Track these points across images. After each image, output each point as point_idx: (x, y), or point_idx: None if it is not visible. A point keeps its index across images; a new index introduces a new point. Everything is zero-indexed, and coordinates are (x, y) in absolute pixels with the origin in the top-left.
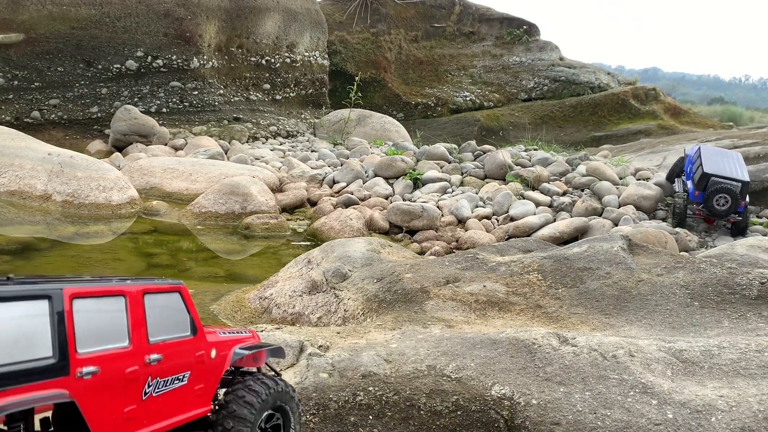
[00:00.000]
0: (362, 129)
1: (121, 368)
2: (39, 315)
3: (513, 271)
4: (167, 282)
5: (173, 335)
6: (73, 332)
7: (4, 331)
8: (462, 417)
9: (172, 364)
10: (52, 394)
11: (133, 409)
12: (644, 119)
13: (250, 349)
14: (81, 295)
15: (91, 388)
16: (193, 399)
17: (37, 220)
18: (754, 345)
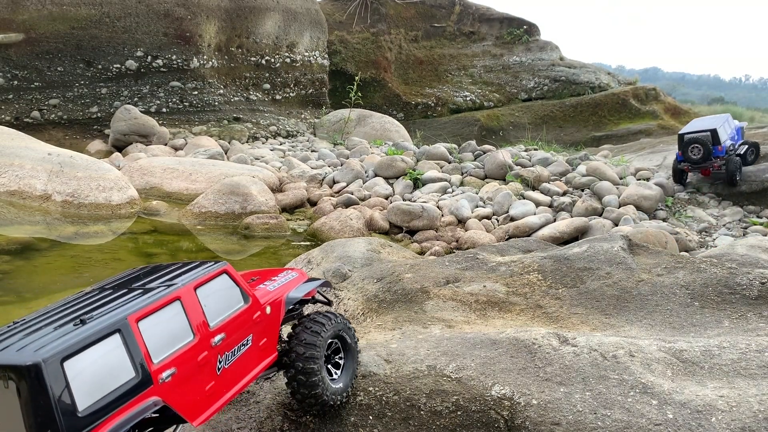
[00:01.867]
0: (362, 129)
1: (193, 359)
2: (116, 347)
3: (513, 271)
4: (213, 269)
5: (230, 312)
6: (146, 349)
7: (93, 370)
8: (462, 417)
9: (235, 337)
10: (146, 405)
11: (212, 385)
12: (644, 119)
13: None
14: (144, 316)
15: (174, 386)
16: (260, 353)
17: (37, 220)
18: (755, 345)
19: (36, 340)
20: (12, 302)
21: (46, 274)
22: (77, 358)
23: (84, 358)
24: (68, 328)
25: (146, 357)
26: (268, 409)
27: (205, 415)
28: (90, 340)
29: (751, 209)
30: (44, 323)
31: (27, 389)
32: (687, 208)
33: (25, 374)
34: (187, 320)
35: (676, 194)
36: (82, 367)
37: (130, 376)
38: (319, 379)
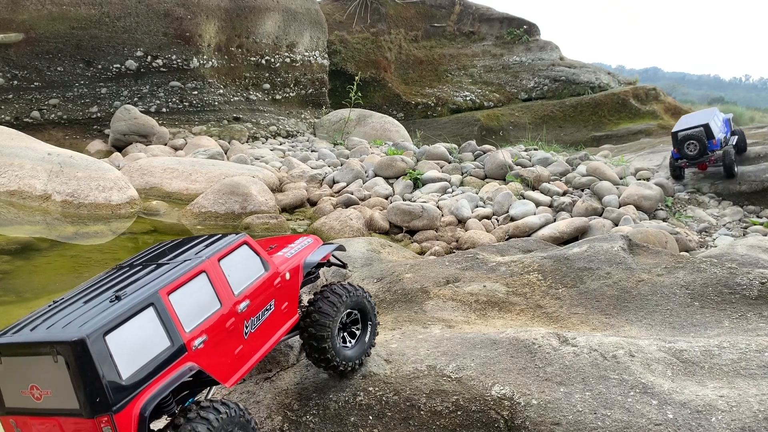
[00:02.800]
0: (362, 129)
1: (221, 326)
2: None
3: (513, 271)
4: (234, 240)
5: (252, 279)
6: (177, 319)
7: (132, 342)
8: (462, 417)
9: (258, 303)
10: (182, 371)
11: (241, 349)
12: (644, 119)
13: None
14: (173, 289)
15: (206, 352)
16: (283, 316)
17: (37, 220)
18: (755, 345)
19: (78, 317)
20: (12, 302)
21: (46, 274)
22: (117, 332)
23: (123, 331)
24: (105, 305)
25: (179, 327)
26: (268, 409)
27: (236, 376)
28: (127, 315)
29: (751, 209)
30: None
31: (75, 362)
32: (687, 208)
33: (72, 349)
34: (214, 290)
35: (676, 194)
36: (122, 339)
37: (166, 345)
38: (329, 346)
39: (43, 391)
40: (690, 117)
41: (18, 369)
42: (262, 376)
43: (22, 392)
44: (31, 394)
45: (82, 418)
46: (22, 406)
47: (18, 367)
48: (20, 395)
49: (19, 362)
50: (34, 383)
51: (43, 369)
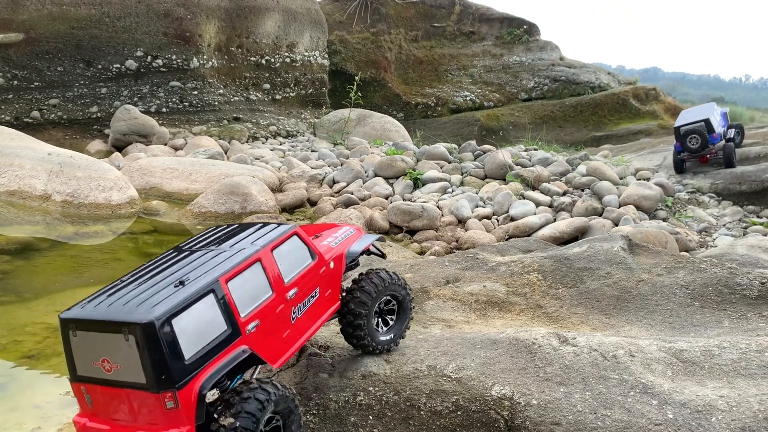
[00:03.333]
0: (362, 129)
1: (272, 312)
2: (210, 305)
3: (513, 271)
4: (286, 231)
5: (300, 268)
6: (234, 305)
7: (195, 325)
8: (462, 417)
9: (305, 290)
10: (237, 353)
11: (288, 333)
12: (645, 119)
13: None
14: (231, 277)
15: (258, 336)
16: (326, 303)
17: (37, 220)
18: (755, 345)
19: (147, 299)
20: (12, 302)
21: (46, 274)
22: (182, 316)
23: (187, 315)
24: (170, 290)
25: (235, 312)
26: None
27: (283, 358)
28: (190, 300)
29: (751, 209)
30: (148, 281)
31: (144, 342)
32: (687, 208)
33: (143, 330)
34: (267, 278)
35: (676, 194)
36: (186, 323)
37: (223, 329)
38: (364, 332)
39: (114, 365)
40: (690, 112)
41: (91, 342)
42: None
43: (93, 363)
44: (102, 366)
45: (148, 392)
46: (92, 375)
47: (91, 340)
48: (92, 366)
49: (93, 336)
50: (106, 357)
51: (114, 345)
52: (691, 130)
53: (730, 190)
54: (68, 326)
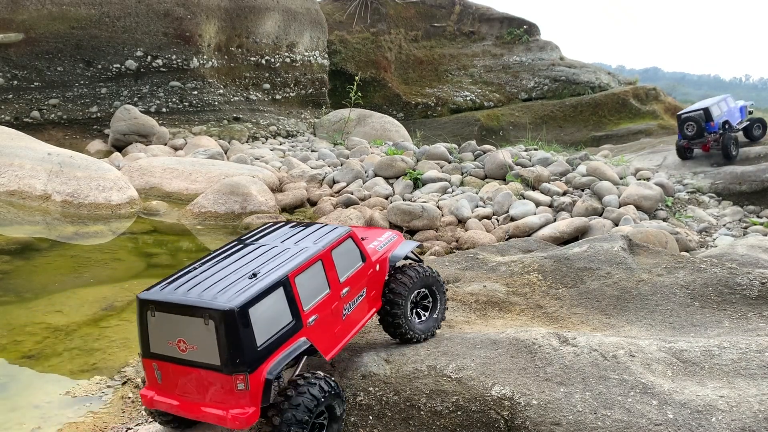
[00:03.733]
0: (362, 129)
1: (328, 307)
2: (280, 298)
3: (513, 271)
4: (344, 233)
5: (353, 269)
6: (299, 299)
7: (266, 315)
8: (462, 417)
9: (355, 289)
10: (299, 344)
11: (339, 328)
12: (645, 119)
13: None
14: (298, 273)
15: (316, 329)
16: (371, 302)
17: (37, 220)
18: (755, 345)
19: (225, 288)
20: (12, 302)
21: (46, 274)
22: (256, 306)
23: (260, 306)
24: (245, 281)
25: (299, 305)
26: None
27: (334, 351)
28: (264, 292)
29: (751, 209)
30: (221, 270)
31: (223, 327)
32: (687, 208)
33: (223, 316)
34: (326, 276)
35: (676, 194)
36: (259, 312)
37: (289, 321)
38: (401, 321)
39: (190, 346)
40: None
41: (169, 323)
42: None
43: (168, 342)
44: (177, 346)
45: (221, 373)
46: (166, 354)
47: (170, 322)
48: (166, 345)
49: (171, 318)
50: (182, 338)
51: (192, 327)
52: (689, 117)
53: (730, 190)
54: (147, 306)
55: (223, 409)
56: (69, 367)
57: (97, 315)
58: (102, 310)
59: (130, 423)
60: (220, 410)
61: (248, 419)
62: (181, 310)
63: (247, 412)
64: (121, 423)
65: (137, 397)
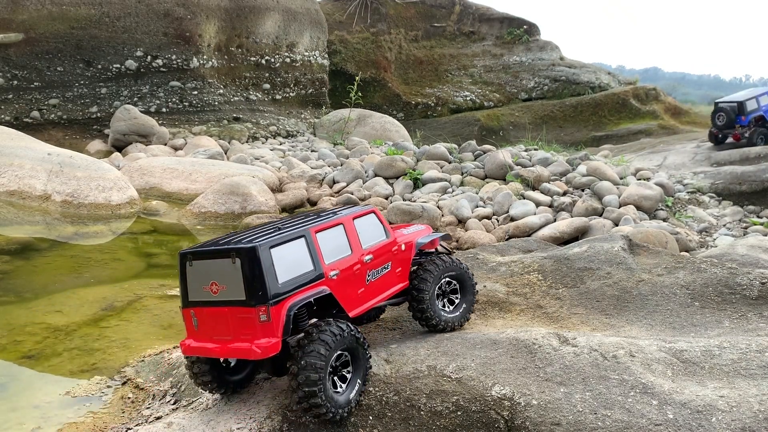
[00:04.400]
0: (362, 129)
1: (351, 268)
2: (301, 246)
3: (513, 271)
4: (365, 208)
5: (376, 241)
6: (320, 252)
7: (286, 259)
8: (462, 417)
9: (379, 260)
10: (319, 290)
11: (363, 290)
12: (645, 119)
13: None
14: (320, 230)
15: (337, 283)
16: (396, 278)
17: (37, 220)
18: (755, 345)
19: (251, 237)
20: (12, 302)
21: (46, 274)
22: (279, 248)
23: (283, 249)
24: (271, 232)
25: (320, 257)
26: (268, 409)
27: (357, 310)
28: (286, 239)
29: (751, 209)
30: (253, 232)
31: (248, 264)
32: (687, 208)
33: (248, 253)
34: (347, 239)
35: (676, 194)
36: (281, 254)
37: (310, 269)
38: (427, 306)
39: (220, 286)
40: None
41: (204, 270)
42: (262, 376)
43: (203, 288)
44: (211, 289)
45: (246, 306)
46: (201, 299)
47: (204, 268)
48: (202, 290)
49: (206, 264)
50: (214, 280)
51: (223, 269)
52: (721, 108)
53: (731, 190)
54: (186, 258)
55: (249, 341)
56: (69, 367)
57: (97, 315)
58: (102, 310)
59: (130, 423)
60: (246, 343)
61: (270, 348)
62: (213, 254)
63: (270, 342)
64: (121, 423)
65: (137, 397)
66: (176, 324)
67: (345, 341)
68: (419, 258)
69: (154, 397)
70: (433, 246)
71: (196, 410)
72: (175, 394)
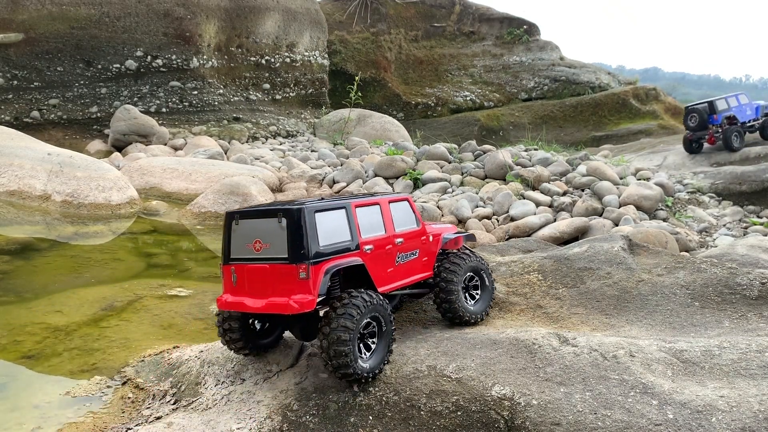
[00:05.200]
0: (362, 129)
1: (383, 246)
2: (342, 217)
3: (513, 271)
4: (401, 195)
5: (407, 227)
6: (358, 225)
7: (328, 226)
8: (462, 417)
9: (408, 245)
10: (353, 260)
11: (391, 270)
12: (645, 119)
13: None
14: (359, 206)
15: (370, 257)
16: (422, 267)
17: (37, 220)
18: (755, 345)
19: (298, 202)
20: (12, 302)
21: (46, 274)
22: (322, 214)
23: (326, 215)
24: (315, 200)
25: (358, 230)
26: (268, 409)
27: (385, 287)
28: (329, 207)
29: (751, 209)
30: (299, 199)
31: (293, 224)
32: (687, 208)
33: (294, 214)
34: (383, 220)
35: (676, 194)
36: (324, 220)
37: (348, 239)
38: (456, 299)
39: (264, 244)
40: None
41: (249, 228)
42: (262, 376)
43: (246, 245)
44: (254, 246)
45: (287, 264)
46: (243, 256)
47: (250, 227)
48: (245, 248)
49: (252, 223)
50: (259, 238)
51: (268, 228)
52: (693, 109)
53: (730, 190)
54: (233, 217)
55: (286, 297)
56: (69, 367)
57: (97, 315)
58: (102, 310)
59: (130, 423)
60: (283, 298)
61: (306, 304)
62: (261, 214)
63: (306, 299)
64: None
65: (137, 397)
66: (176, 324)
67: (374, 309)
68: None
69: (154, 397)
70: (456, 245)
71: (196, 410)
72: (175, 394)
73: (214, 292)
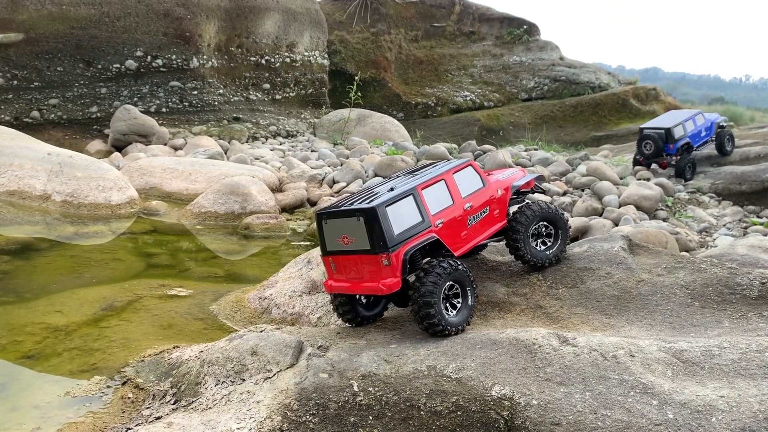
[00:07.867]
0: (362, 129)
1: (453, 216)
2: (411, 202)
3: (513, 271)
4: (463, 161)
5: (474, 190)
6: (426, 205)
7: (400, 214)
8: (462, 417)
9: (478, 206)
10: (428, 237)
11: (465, 233)
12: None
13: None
14: (425, 187)
15: (443, 230)
16: (494, 220)
17: (37, 220)
18: (755, 345)
19: (371, 197)
20: (12, 302)
21: (46, 274)
22: (392, 206)
23: (396, 207)
24: (385, 192)
25: (427, 210)
26: (268, 409)
27: (461, 249)
28: (398, 197)
29: (751, 209)
30: (370, 193)
31: (369, 221)
32: (687, 208)
33: (368, 213)
34: (449, 192)
35: (676, 194)
36: (395, 211)
37: (419, 220)
38: (523, 245)
39: (350, 239)
40: (670, 115)
41: (336, 226)
42: (262, 376)
43: (337, 240)
44: (343, 240)
45: (371, 254)
46: (336, 249)
47: (337, 225)
48: (336, 242)
49: (337, 222)
50: (345, 234)
51: (351, 225)
52: (648, 135)
53: (731, 190)
54: (322, 217)
55: (376, 281)
56: (69, 367)
57: (97, 315)
58: (102, 310)
59: (130, 423)
60: (373, 282)
61: (393, 286)
62: (342, 214)
63: (392, 281)
64: (121, 423)
65: (137, 397)
66: (176, 324)
67: (454, 273)
68: (517, 198)
69: (154, 397)
70: (528, 186)
71: (196, 410)
72: (175, 394)
73: (214, 291)
